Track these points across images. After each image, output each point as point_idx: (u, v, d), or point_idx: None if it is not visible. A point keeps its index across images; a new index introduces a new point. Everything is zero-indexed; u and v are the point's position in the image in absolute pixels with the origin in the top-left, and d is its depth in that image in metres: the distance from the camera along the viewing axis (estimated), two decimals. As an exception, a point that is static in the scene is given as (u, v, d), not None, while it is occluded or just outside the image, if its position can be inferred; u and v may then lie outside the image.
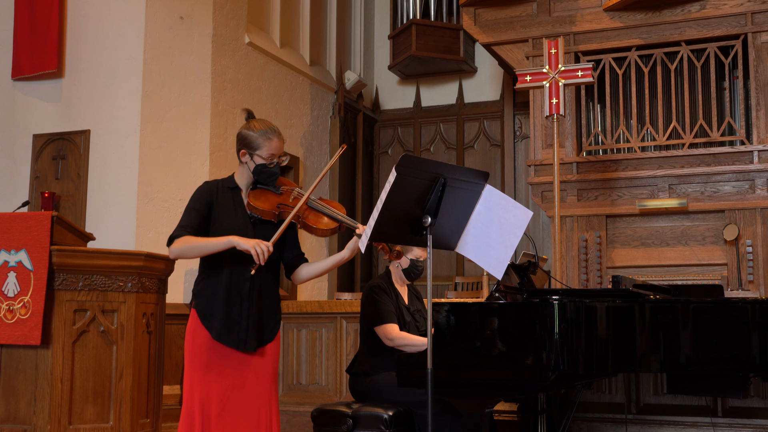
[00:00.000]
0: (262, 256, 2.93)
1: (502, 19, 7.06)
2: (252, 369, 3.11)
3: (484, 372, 3.14)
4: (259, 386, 3.11)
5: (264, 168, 3.12)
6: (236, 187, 3.19)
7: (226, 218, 3.10)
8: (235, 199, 3.16)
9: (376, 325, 3.91)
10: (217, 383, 3.06)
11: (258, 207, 3.08)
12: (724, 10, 6.40)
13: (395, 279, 4.16)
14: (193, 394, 3.06)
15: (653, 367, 3.37)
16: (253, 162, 3.12)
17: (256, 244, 2.93)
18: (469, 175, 3.00)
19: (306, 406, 4.59)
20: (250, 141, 3.12)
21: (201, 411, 3.04)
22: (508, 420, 4.49)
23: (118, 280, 4.34)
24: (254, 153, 3.11)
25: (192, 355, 3.09)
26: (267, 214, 3.09)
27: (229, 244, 2.97)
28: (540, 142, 6.79)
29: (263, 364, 3.13)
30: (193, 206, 3.10)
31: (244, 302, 3.07)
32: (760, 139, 6.20)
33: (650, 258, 6.42)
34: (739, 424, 4.23)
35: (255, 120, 3.19)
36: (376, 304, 3.94)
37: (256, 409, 3.10)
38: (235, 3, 7.10)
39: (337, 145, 8.68)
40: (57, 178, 6.42)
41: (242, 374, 3.09)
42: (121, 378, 4.30)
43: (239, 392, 3.08)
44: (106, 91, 6.37)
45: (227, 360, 3.08)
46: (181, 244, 3.01)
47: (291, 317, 4.83)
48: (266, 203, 3.09)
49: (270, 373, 3.15)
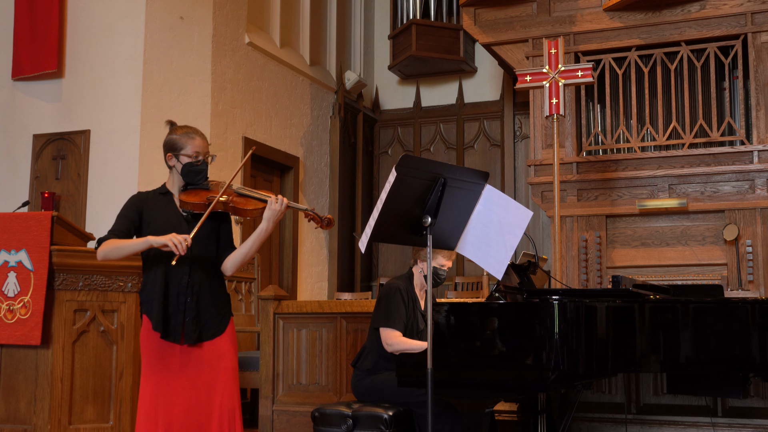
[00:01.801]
0: (180, 246, 3.03)
1: (502, 19, 7.06)
2: (203, 366, 3.16)
3: (484, 372, 3.14)
4: (212, 384, 3.16)
5: (191, 166, 3.23)
6: (168, 192, 3.30)
7: (159, 219, 3.21)
8: (167, 201, 3.27)
9: (381, 325, 3.91)
10: (166, 385, 3.13)
11: (189, 201, 3.19)
12: (724, 10, 6.40)
13: (416, 283, 4.11)
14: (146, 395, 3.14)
15: (653, 367, 3.37)
16: (180, 163, 3.24)
17: (172, 237, 3.04)
18: (469, 175, 3.00)
19: (306, 406, 4.59)
20: (173, 143, 3.26)
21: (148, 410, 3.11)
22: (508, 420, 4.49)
23: (118, 280, 4.35)
24: (180, 153, 3.23)
25: (143, 357, 3.21)
26: (198, 207, 3.19)
27: (147, 243, 3.11)
28: (540, 142, 6.79)
29: (214, 357, 3.18)
30: (123, 213, 3.24)
31: (181, 296, 3.17)
32: (760, 139, 6.20)
33: (650, 258, 6.42)
34: (739, 424, 4.23)
35: (177, 126, 3.33)
36: (389, 305, 3.92)
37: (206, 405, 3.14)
38: (235, 3, 7.10)
39: (337, 145, 8.68)
40: (57, 178, 6.43)
41: (193, 373, 3.15)
42: (121, 378, 4.30)
43: (191, 392, 3.14)
44: (106, 91, 6.37)
45: (176, 359, 3.15)
46: (106, 247, 3.14)
47: (291, 317, 4.83)
48: (197, 197, 3.20)
49: (224, 365, 3.19)
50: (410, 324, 3.95)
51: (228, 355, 3.22)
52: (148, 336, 3.19)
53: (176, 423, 3.11)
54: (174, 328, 3.15)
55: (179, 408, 3.12)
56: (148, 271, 3.23)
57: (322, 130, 8.62)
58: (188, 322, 3.16)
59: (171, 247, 3.03)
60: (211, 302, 3.23)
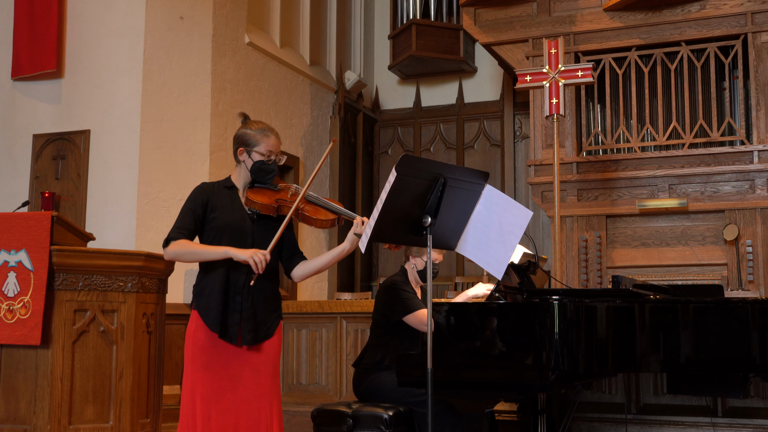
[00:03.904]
0: (260, 265, 2.98)
1: (502, 19, 7.06)
2: (250, 367, 3.12)
3: (484, 372, 3.14)
4: (258, 385, 3.12)
5: (262, 165, 3.16)
6: (233, 186, 3.22)
7: (223, 215, 3.13)
8: (232, 196, 3.19)
9: (407, 313, 3.91)
10: (217, 383, 3.07)
11: (257, 201, 3.11)
12: (724, 10, 6.40)
13: (410, 279, 4.16)
14: (195, 395, 3.06)
15: (653, 367, 3.37)
16: (250, 159, 3.17)
17: (254, 254, 2.98)
18: (469, 175, 3.00)
19: (306, 406, 4.59)
20: (247, 138, 3.19)
21: (202, 411, 3.05)
22: (508, 420, 4.49)
23: (118, 280, 4.34)
24: (252, 150, 3.16)
25: (192, 355, 3.11)
26: (266, 208, 3.11)
27: (225, 255, 3.03)
28: (540, 142, 6.79)
29: (262, 361, 3.14)
30: (189, 206, 3.14)
31: (237, 296, 3.09)
32: (760, 139, 6.20)
33: (650, 258, 6.42)
34: (739, 424, 4.23)
35: (251, 121, 3.27)
36: (400, 296, 3.96)
37: (256, 408, 3.10)
38: (235, 3, 7.10)
39: (337, 145, 8.68)
40: (57, 178, 6.42)
41: (240, 373, 3.10)
42: (121, 378, 4.30)
43: (238, 391, 3.09)
44: (106, 91, 6.36)
45: (226, 359, 3.09)
46: (178, 248, 3.06)
47: (291, 317, 4.83)
48: (265, 197, 3.12)
49: (269, 371, 3.16)
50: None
51: (272, 359, 3.17)
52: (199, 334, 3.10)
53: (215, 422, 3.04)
54: (232, 328, 3.08)
55: (219, 408, 3.06)
56: (208, 270, 3.13)
57: (322, 130, 8.62)
58: (244, 323, 3.09)
59: (252, 266, 2.97)
60: (265, 304, 3.16)
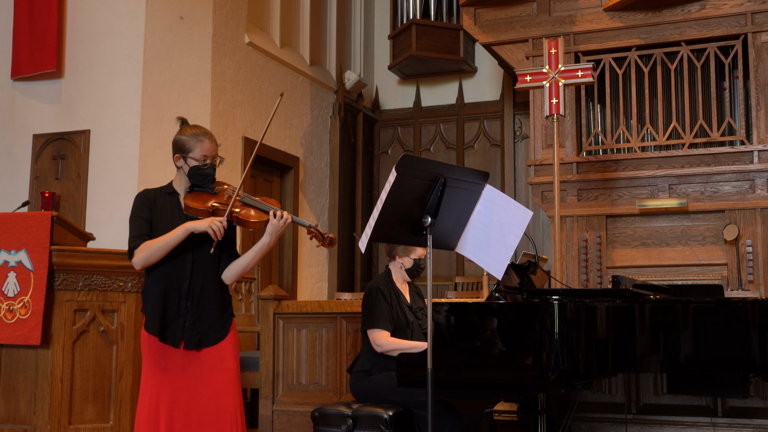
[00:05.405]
0: (218, 232, 3.07)
1: (502, 19, 7.06)
2: (208, 365, 3.15)
3: (484, 372, 3.14)
4: (218, 383, 3.15)
5: (198, 170, 3.20)
6: (174, 192, 3.28)
7: (164, 222, 3.18)
8: (173, 202, 3.24)
9: (368, 328, 3.94)
10: (176, 384, 3.12)
11: (194, 207, 3.17)
12: (724, 10, 6.40)
13: (396, 278, 4.16)
14: (158, 398, 3.11)
15: (653, 367, 3.36)
16: (187, 165, 3.21)
17: (211, 223, 3.08)
18: (469, 175, 3.00)
19: (306, 406, 4.59)
20: (182, 144, 3.22)
21: (166, 413, 3.10)
22: (508, 420, 4.48)
23: (118, 280, 4.34)
24: (187, 156, 3.20)
25: (144, 358, 3.19)
26: (202, 213, 3.17)
27: (186, 231, 3.11)
28: (540, 142, 6.79)
29: (216, 362, 3.17)
30: (138, 214, 3.20)
31: (182, 300, 3.15)
32: (760, 139, 6.20)
33: (650, 258, 6.42)
34: (739, 424, 4.22)
35: (187, 126, 3.29)
36: (372, 307, 3.95)
37: (219, 406, 3.13)
38: (235, 3, 7.10)
39: (337, 145, 8.68)
40: (57, 178, 6.42)
41: (193, 374, 3.14)
42: (121, 378, 4.30)
43: (192, 393, 3.13)
44: (106, 91, 6.37)
45: (183, 361, 3.14)
46: (143, 252, 3.11)
47: (291, 317, 4.83)
48: (200, 203, 3.18)
49: (231, 366, 3.18)
50: (397, 318, 3.99)
51: (229, 356, 3.20)
52: (149, 337, 3.17)
53: (178, 424, 3.10)
54: (173, 332, 3.13)
55: (181, 408, 3.10)
56: (150, 273, 3.20)
57: (322, 130, 8.62)
58: (188, 327, 3.14)
59: (211, 234, 3.06)
60: (213, 306, 3.20)
